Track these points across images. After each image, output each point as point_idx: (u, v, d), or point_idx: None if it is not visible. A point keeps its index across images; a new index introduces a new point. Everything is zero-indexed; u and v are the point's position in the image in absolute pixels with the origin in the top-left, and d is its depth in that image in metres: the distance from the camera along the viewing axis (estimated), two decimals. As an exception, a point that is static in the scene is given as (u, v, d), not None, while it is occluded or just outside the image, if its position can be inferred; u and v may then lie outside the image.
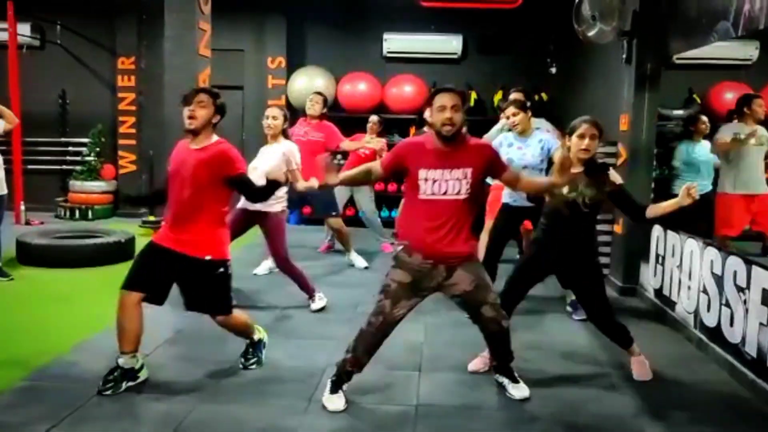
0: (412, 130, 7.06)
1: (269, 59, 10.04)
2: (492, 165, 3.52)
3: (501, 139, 5.25)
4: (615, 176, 4.00)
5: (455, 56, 9.98)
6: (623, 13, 5.92)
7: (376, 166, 3.64)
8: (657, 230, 5.67)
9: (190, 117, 3.65)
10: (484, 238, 6.35)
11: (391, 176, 3.73)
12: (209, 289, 3.75)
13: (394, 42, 10.00)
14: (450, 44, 9.91)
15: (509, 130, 5.29)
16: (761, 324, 3.86)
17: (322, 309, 5.34)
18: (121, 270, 3.86)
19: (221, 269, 3.73)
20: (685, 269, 5.04)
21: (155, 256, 3.71)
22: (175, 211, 3.72)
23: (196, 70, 6.08)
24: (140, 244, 3.96)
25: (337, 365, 3.62)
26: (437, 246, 3.43)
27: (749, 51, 9.02)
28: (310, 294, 5.39)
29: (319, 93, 7.12)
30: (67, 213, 9.86)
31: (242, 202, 5.14)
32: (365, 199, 7.69)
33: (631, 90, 6.12)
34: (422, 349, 4.50)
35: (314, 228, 8.83)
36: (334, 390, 3.57)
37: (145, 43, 9.91)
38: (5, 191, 6.00)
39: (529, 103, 5.30)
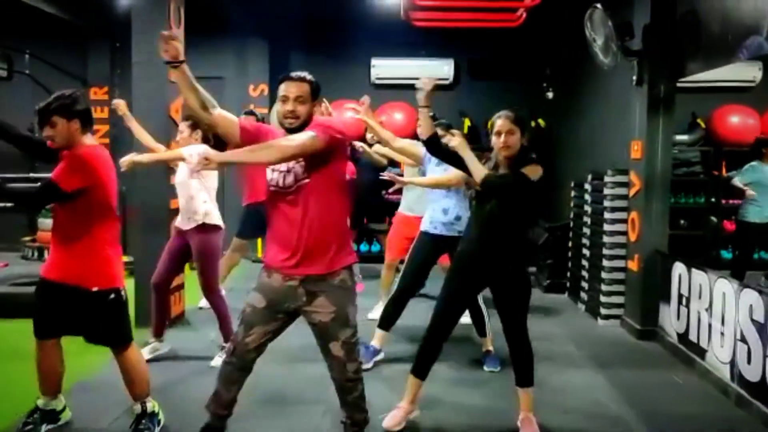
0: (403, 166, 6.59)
1: (251, 86, 9.51)
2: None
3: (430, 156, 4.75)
4: (534, 170, 3.52)
5: (447, 81, 9.49)
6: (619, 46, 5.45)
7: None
8: (679, 268, 5.14)
9: (49, 138, 3.34)
10: (387, 273, 5.89)
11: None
12: (102, 321, 3.42)
13: (383, 68, 9.53)
14: (441, 69, 9.42)
15: None
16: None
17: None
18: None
19: (112, 296, 3.39)
20: (716, 313, 4.50)
21: (50, 294, 3.39)
22: (60, 239, 3.39)
23: (167, 99, 5.53)
24: None
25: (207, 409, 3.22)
26: (295, 258, 2.98)
27: (753, 72, 8.59)
28: (226, 340, 4.63)
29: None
30: (35, 253, 9.19)
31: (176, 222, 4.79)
32: None
33: (643, 114, 5.64)
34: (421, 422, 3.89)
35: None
36: None
37: (118, 71, 9.38)
38: None
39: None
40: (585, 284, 6.69)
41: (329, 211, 2.99)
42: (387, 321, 4.73)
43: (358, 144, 6.21)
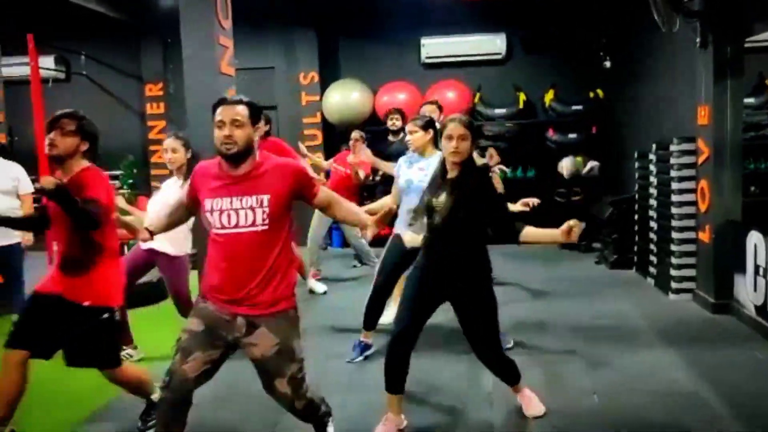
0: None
1: (302, 75, 9.49)
2: (299, 188, 2.83)
3: (403, 158, 4.52)
4: (496, 182, 3.43)
5: (500, 56, 9.29)
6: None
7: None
8: (755, 237, 4.90)
9: (50, 144, 3.21)
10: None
11: (193, 209, 3.05)
12: (90, 340, 3.24)
13: (433, 46, 9.37)
14: (493, 44, 9.22)
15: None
16: None
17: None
18: (156, 312, 3.36)
19: (105, 315, 3.24)
20: (798, 283, 4.27)
21: (39, 306, 3.27)
22: (59, 250, 3.29)
23: (219, 90, 5.52)
24: None
25: None
26: (233, 294, 2.76)
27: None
28: None
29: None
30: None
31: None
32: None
33: (709, 78, 5.37)
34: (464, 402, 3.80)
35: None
36: None
37: (171, 66, 9.48)
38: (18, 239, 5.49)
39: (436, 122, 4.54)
40: (653, 258, 6.46)
41: (274, 250, 2.82)
42: (370, 322, 4.59)
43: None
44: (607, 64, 8.89)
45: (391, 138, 6.72)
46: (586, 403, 3.69)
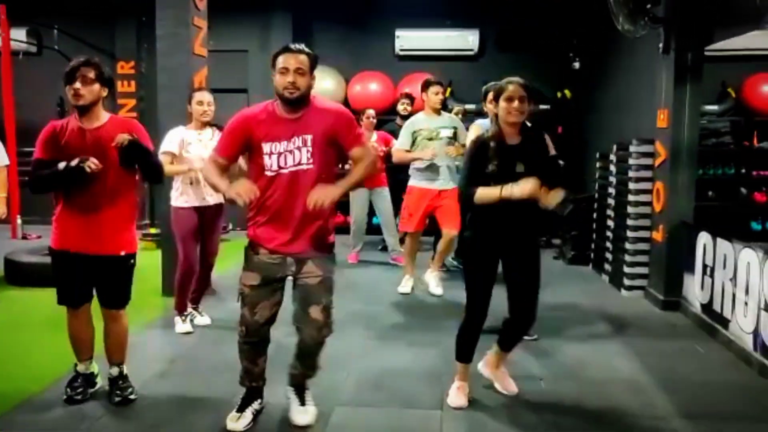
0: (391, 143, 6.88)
1: (275, 60, 9.53)
2: (338, 130, 3.08)
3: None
4: (550, 144, 3.52)
5: (472, 53, 9.43)
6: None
7: (215, 158, 3.15)
8: (704, 237, 5.10)
9: (76, 94, 3.29)
10: (414, 244, 6.12)
11: (234, 158, 3.22)
12: (121, 283, 3.54)
13: (407, 39, 9.48)
14: (466, 40, 9.37)
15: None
16: None
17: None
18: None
19: (132, 261, 3.56)
20: (741, 283, 4.46)
21: (72, 265, 3.43)
22: (82, 204, 3.35)
23: (192, 71, 5.57)
24: (139, 259, 3.56)
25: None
26: (284, 235, 3.07)
27: (785, 40, 8.39)
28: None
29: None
30: (67, 226, 9.38)
31: (188, 201, 4.73)
32: (386, 201, 7.24)
33: (669, 83, 5.55)
34: (443, 381, 3.90)
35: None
36: (241, 407, 3.30)
37: (145, 45, 9.46)
38: None
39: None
40: (609, 255, 6.66)
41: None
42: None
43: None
44: (576, 65, 9.08)
45: (399, 122, 7.15)
46: (533, 389, 3.83)
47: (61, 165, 3.22)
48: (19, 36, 9.25)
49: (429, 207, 5.78)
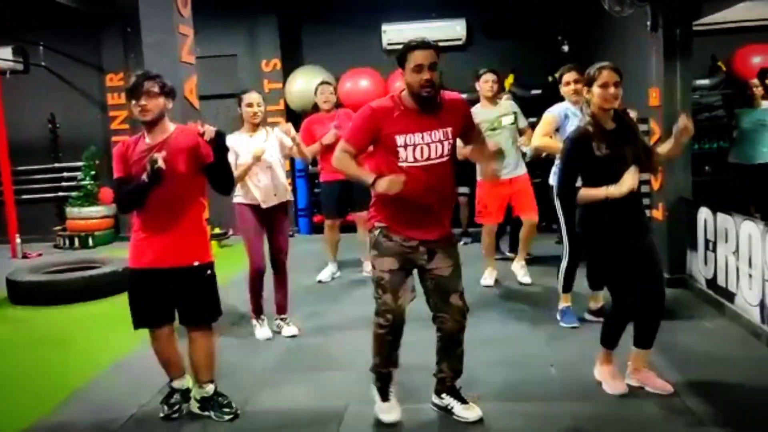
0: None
1: (264, 62, 9.51)
2: (467, 123, 3.25)
3: (562, 110, 4.96)
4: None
5: (460, 42, 9.40)
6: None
7: (348, 149, 3.17)
8: (704, 213, 5.09)
9: (143, 110, 3.27)
10: (491, 239, 6.04)
11: (365, 150, 3.25)
12: (202, 296, 3.45)
13: (394, 33, 9.41)
14: (453, 30, 9.32)
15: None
16: None
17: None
18: (118, 302, 3.42)
19: (209, 271, 3.46)
20: (743, 256, 4.46)
21: (150, 283, 3.35)
22: (156, 218, 3.32)
23: (181, 79, 5.51)
24: None
25: (371, 371, 3.37)
26: (420, 224, 3.12)
27: (772, 10, 8.37)
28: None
29: (327, 82, 6.69)
30: (67, 242, 9.38)
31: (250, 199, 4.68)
32: None
33: (660, 60, 5.55)
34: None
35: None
36: (384, 397, 3.33)
37: (132, 56, 9.37)
38: None
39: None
40: (610, 236, 6.64)
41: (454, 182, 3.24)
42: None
43: None
44: (565, 48, 9.04)
45: None
46: (544, 375, 3.83)
47: (144, 177, 3.19)
48: (5, 55, 9.19)
49: (503, 197, 5.80)
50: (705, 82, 8.32)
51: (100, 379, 4.17)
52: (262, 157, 4.59)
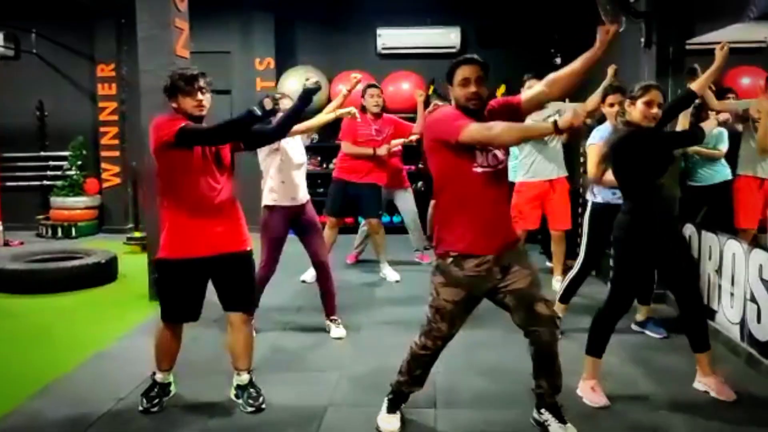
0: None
1: (257, 60, 9.50)
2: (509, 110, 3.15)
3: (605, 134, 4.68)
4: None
5: (454, 50, 9.42)
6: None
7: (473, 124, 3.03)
8: (689, 230, 5.14)
9: (201, 105, 3.33)
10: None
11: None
12: (246, 281, 3.53)
13: (389, 37, 9.47)
14: (448, 37, 9.37)
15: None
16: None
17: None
18: (102, 294, 3.38)
19: (252, 258, 3.58)
20: (726, 274, 4.50)
21: (190, 277, 3.41)
22: (207, 204, 3.34)
23: (174, 73, 5.53)
24: (124, 264, 3.50)
25: (392, 386, 3.35)
26: (493, 237, 3.04)
27: (764, 32, 8.45)
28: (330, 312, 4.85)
29: (375, 85, 6.75)
30: (49, 231, 9.31)
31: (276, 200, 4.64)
32: (409, 202, 7.18)
33: (652, 77, 5.57)
34: (435, 380, 3.89)
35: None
36: (392, 410, 3.34)
37: (125, 48, 9.36)
38: None
39: None
40: (596, 250, 6.68)
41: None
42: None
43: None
44: (558, 60, 9.09)
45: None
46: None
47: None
48: (-4, 40, 9.14)
49: (540, 201, 5.95)
50: (696, 101, 8.36)
51: (79, 369, 4.14)
52: (293, 156, 4.64)
